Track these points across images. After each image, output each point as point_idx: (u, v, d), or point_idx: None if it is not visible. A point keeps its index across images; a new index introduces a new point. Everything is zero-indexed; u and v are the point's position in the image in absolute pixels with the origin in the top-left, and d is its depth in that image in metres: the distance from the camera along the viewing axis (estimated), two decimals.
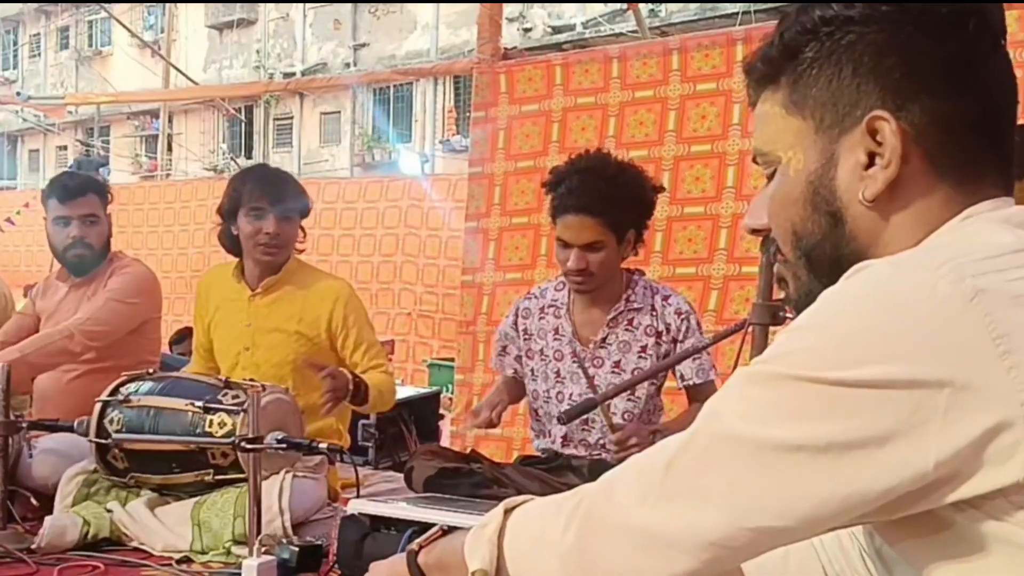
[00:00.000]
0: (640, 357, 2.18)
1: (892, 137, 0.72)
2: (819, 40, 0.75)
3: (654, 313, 2.19)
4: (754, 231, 0.86)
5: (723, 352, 2.63)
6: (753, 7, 9.46)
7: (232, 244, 2.43)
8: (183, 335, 5.02)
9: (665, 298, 2.21)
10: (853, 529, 1.01)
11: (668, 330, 2.18)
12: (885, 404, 0.61)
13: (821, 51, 0.75)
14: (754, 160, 0.85)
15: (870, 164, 0.74)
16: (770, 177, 0.83)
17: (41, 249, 7.47)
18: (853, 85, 0.74)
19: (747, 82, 0.83)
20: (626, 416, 2.18)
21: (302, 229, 2.47)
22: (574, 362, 2.22)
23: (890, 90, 0.73)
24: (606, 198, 2.05)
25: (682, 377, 2.21)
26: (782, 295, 0.89)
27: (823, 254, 0.78)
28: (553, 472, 2.21)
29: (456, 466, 2.19)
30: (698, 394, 2.23)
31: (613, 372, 2.19)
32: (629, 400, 2.17)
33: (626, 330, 2.19)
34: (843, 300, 0.67)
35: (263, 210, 2.33)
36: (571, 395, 2.20)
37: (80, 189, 2.67)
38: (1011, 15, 2.50)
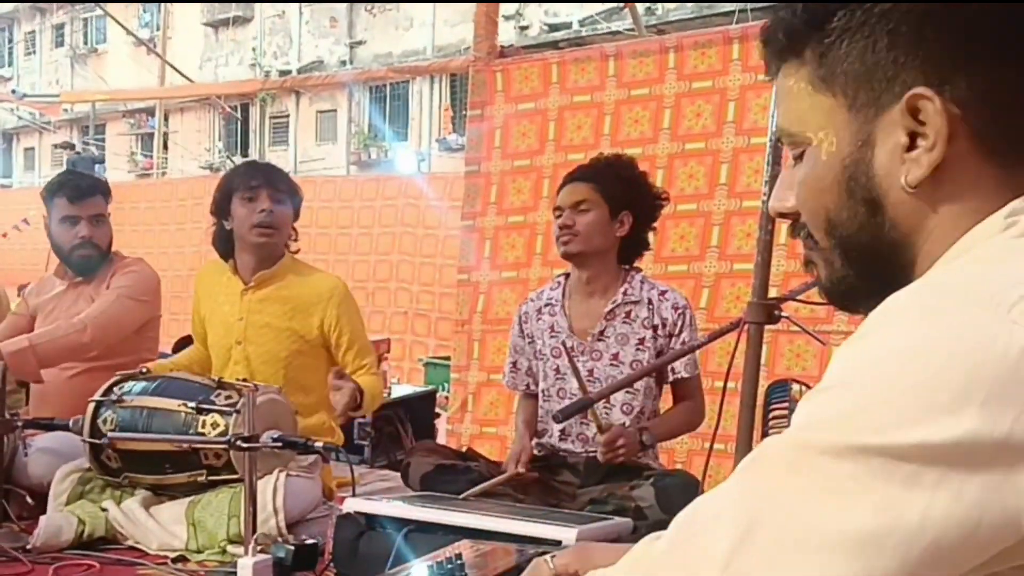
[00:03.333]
0: (638, 349, 2.20)
1: (936, 117, 0.65)
2: (848, 8, 0.68)
3: (651, 307, 2.22)
4: (780, 215, 0.79)
5: (715, 351, 2.63)
6: (750, 6, 9.47)
7: (225, 243, 2.42)
8: (185, 343, 5.00)
9: (662, 293, 2.24)
10: None
11: (664, 324, 2.20)
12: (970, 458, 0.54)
13: (852, 20, 0.68)
14: (777, 140, 0.80)
15: (912, 145, 0.66)
16: (798, 158, 0.75)
17: (35, 248, 7.48)
18: (889, 58, 0.66)
19: (765, 53, 0.76)
20: (624, 408, 2.20)
21: (294, 229, 2.47)
22: (572, 356, 2.23)
23: (932, 62, 0.65)
24: (598, 169, 2.27)
25: (672, 370, 2.23)
26: (775, 292, 0.84)
27: (860, 243, 0.71)
28: (549, 470, 2.22)
29: (453, 463, 2.20)
30: (684, 388, 2.25)
31: (612, 365, 2.21)
32: (628, 392, 2.19)
33: (624, 323, 2.22)
34: (890, 349, 0.57)
35: (257, 189, 2.33)
36: (572, 390, 2.22)
37: (91, 189, 2.68)
38: None
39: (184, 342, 5.08)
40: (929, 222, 0.68)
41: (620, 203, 2.21)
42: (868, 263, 0.71)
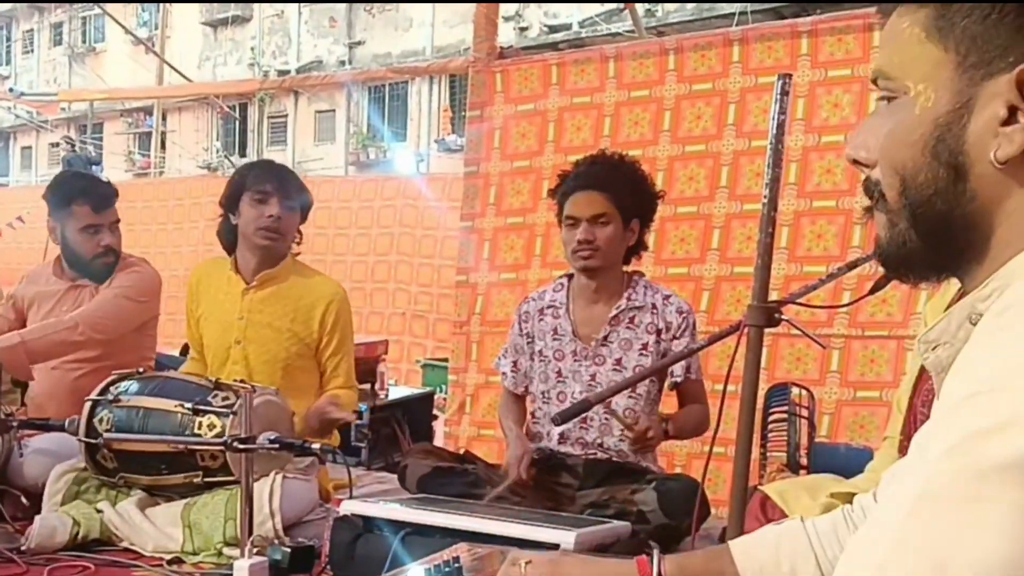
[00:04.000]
0: (641, 355, 2.19)
1: None
2: None
3: (655, 311, 2.21)
4: (854, 162, 0.75)
5: (715, 354, 2.63)
6: (750, 8, 9.47)
7: (230, 237, 2.42)
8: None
9: (666, 297, 2.24)
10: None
11: (668, 328, 2.20)
12: None
13: None
14: (873, 81, 0.75)
15: (1009, 120, 0.64)
16: (884, 100, 0.73)
17: (31, 247, 7.44)
18: (1014, 25, 0.64)
19: None
20: (627, 413, 2.19)
21: (298, 231, 2.46)
22: (575, 361, 2.22)
23: None
24: (610, 176, 2.20)
25: (671, 373, 2.23)
26: (775, 296, 0.82)
27: (932, 209, 0.68)
28: (548, 472, 2.21)
29: (450, 465, 2.19)
30: (686, 392, 2.24)
31: (614, 370, 2.20)
32: (630, 397, 2.19)
33: (628, 328, 2.21)
34: None
35: (268, 194, 2.33)
36: (573, 394, 2.21)
37: (112, 196, 2.66)
38: None
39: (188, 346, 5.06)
40: (1010, 202, 0.65)
41: (631, 212, 2.20)
42: (937, 232, 0.68)
